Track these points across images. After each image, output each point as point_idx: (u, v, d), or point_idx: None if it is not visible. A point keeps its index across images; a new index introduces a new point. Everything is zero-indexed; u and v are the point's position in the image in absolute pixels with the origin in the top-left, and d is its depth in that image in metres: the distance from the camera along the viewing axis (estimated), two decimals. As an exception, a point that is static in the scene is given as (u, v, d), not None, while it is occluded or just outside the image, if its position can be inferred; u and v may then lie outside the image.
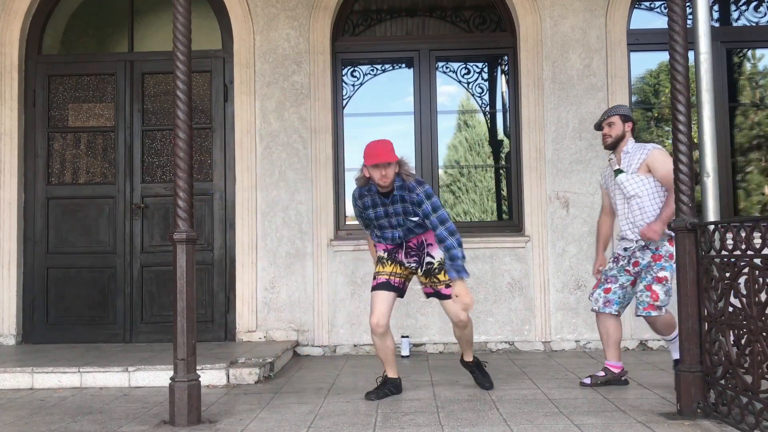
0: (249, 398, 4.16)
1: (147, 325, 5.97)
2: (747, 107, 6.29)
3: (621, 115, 4.29)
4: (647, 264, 4.16)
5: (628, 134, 4.29)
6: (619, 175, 4.23)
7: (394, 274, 4.12)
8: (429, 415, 3.61)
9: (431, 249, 4.13)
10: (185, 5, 3.65)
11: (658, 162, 4.12)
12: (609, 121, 4.30)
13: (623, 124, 4.28)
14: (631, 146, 4.27)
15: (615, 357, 4.30)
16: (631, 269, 4.23)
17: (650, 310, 4.08)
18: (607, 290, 4.27)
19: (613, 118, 4.30)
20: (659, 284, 4.09)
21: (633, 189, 4.17)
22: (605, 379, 4.28)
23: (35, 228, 6.06)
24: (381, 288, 4.08)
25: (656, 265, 4.12)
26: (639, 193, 4.16)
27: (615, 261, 4.32)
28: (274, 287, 5.88)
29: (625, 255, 4.26)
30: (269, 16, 6.03)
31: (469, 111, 6.47)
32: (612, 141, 4.29)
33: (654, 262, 4.14)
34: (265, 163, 5.94)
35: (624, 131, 4.28)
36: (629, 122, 4.29)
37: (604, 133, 4.32)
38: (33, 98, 6.13)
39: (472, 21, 6.24)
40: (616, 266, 4.29)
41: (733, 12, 6.24)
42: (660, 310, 4.09)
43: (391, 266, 4.13)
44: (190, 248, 3.60)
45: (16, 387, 4.60)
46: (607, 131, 4.31)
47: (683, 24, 3.57)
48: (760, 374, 3.02)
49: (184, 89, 3.62)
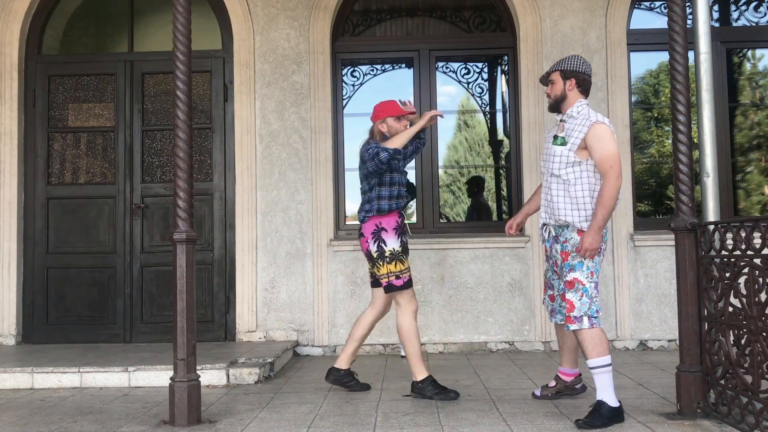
0: (249, 398, 4.16)
1: (147, 325, 5.97)
2: (747, 107, 6.29)
3: (562, 71, 3.59)
4: (560, 265, 3.56)
5: (572, 94, 3.58)
6: (556, 146, 3.54)
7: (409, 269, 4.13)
8: (429, 415, 3.61)
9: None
10: (185, 5, 3.65)
11: (597, 140, 3.42)
12: (550, 78, 3.65)
13: (564, 81, 3.59)
14: (577, 110, 3.56)
15: (570, 363, 3.90)
16: (558, 269, 3.64)
17: (568, 323, 3.45)
18: (551, 297, 3.78)
19: (554, 74, 3.62)
20: (571, 291, 3.44)
21: (560, 170, 3.51)
22: (556, 389, 3.91)
23: (35, 228, 6.06)
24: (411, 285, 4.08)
25: (565, 266, 3.49)
26: (567, 175, 3.50)
27: (547, 259, 3.77)
28: (273, 287, 5.88)
29: (548, 253, 3.73)
30: (269, 16, 6.03)
31: (469, 111, 6.47)
32: (552, 102, 3.65)
33: (563, 261, 3.51)
34: (265, 163, 5.95)
35: (565, 90, 3.59)
36: (571, 79, 3.56)
37: (546, 92, 3.71)
38: (33, 98, 6.13)
39: (472, 21, 6.24)
40: (549, 266, 3.75)
41: (733, 12, 6.24)
42: (580, 322, 3.40)
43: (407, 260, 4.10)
44: (190, 248, 3.60)
45: (16, 387, 4.60)
46: (548, 90, 3.68)
47: (683, 24, 3.58)
48: (760, 374, 3.02)
49: (184, 89, 3.62)
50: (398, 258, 4.02)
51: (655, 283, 5.73)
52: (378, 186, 4.04)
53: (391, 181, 4.07)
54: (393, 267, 4.01)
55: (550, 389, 3.96)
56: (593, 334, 3.42)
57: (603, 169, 3.43)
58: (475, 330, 5.80)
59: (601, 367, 3.39)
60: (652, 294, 5.73)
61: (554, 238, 3.63)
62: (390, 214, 4.04)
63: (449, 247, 5.84)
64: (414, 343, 4.01)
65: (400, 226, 4.08)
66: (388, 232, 4.02)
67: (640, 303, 5.73)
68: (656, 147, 6.60)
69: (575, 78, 3.58)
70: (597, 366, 3.39)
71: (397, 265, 4.01)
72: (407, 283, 4.04)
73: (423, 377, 4.00)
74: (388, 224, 4.03)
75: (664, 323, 5.70)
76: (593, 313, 3.43)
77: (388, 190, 4.05)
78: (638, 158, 6.24)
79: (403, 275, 4.03)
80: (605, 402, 3.36)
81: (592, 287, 3.46)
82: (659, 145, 6.56)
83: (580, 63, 3.62)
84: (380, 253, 4.01)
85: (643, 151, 6.49)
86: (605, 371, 3.39)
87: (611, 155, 3.42)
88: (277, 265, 5.89)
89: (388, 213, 4.03)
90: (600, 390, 3.39)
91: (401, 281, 4.02)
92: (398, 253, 4.02)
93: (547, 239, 3.69)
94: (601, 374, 3.39)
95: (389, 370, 5.04)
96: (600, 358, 3.39)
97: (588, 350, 3.41)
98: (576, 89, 3.60)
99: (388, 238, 4.02)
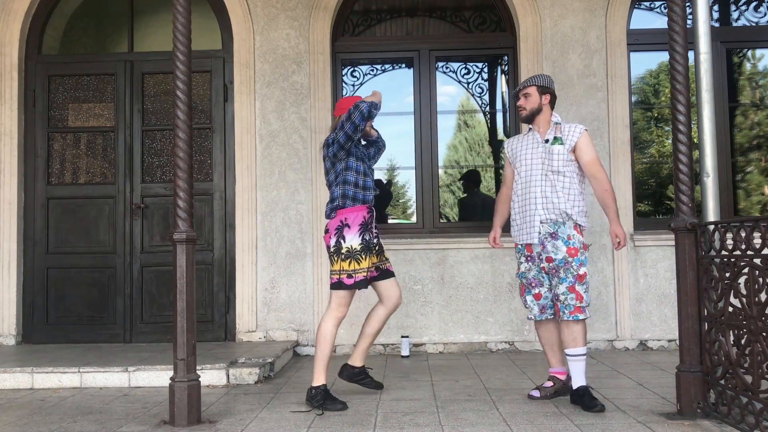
0: (249, 398, 4.16)
1: (147, 325, 5.97)
2: (747, 107, 6.29)
3: (538, 86, 3.94)
4: (564, 260, 3.75)
5: (546, 107, 3.94)
6: (556, 145, 3.84)
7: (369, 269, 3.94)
8: (429, 415, 3.61)
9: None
10: (185, 5, 3.65)
11: (587, 144, 3.85)
12: (525, 91, 3.96)
13: (540, 96, 3.93)
14: (557, 119, 3.95)
15: (561, 362, 4.00)
16: (546, 266, 3.82)
17: (577, 314, 3.72)
18: (537, 296, 3.90)
19: (529, 88, 3.95)
20: (581, 284, 3.75)
21: (563, 167, 3.83)
22: (554, 389, 3.96)
23: (35, 228, 6.06)
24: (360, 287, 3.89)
25: (575, 261, 3.75)
26: (567, 172, 3.82)
27: (529, 260, 3.91)
28: (273, 287, 5.88)
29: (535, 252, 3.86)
30: (269, 16, 6.03)
31: (469, 111, 6.48)
32: (527, 114, 3.94)
33: (571, 257, 3.76)
34: (265, 163, 5.95)
35: (540, 104, 3.92)
36: (546, 94, 3.94)
37: (519, 104, 3.98)
38: (33, 98, 6.13)
39: (472, 21, 6.24)
40: (534, 266, 3.89)
41: (733, 12, 6.24)
42: (585, 312, 3.75)
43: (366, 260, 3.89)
44: (190, 248, 3.60)
45: (16, 387, 4.60)
46: (522, 102, 3.96)
47: (683, 24, 3.58)
48: (760, 374, 3.02)
49: (184, 89, 3.62)
50: (354, 256, 3.84)
51: (655, 283, 5.74)
52: (344, 171, 3.89)
53: (357, 169, 3.91)
54: (346, 265, 3.83)
55: (548, 389, 3.98)
56: (584, 325, 3.81)
57: (594, 169, 3.85)
58: (475, 330, 5.80)
59: (583, 355, 3.78)
60: (652, 294, 5.73)
61: (550, 234, 3.80)
62: (357, 208, 3.88)
63: (449, 247, 5.84)
64: (324, 348, 3.85)
65: (366, 223, 3.90)
66: (350, 228, 3.85)
67: (640, 303, 5.73)
68: (656, 147, 6.60)
69: (549, 93, 3.97)
70: (581, 354, 3.77)
71: (351, 263, 3.83)
72: (358, 283, 3.84)
73: (318, 384, 3.83)
74: (354, 221, 3.86)
75: (664, 323, 5.70)
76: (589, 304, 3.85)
77: (354, 176, 3.89)
78: (638, 158, 6.24)
79: (357, 275, 3.84)
80: (586, 386, 3.76)
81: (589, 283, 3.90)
82: (659, 145, 6.56)
83: (551, 81, 4.04)
84: (337, 249, 3.85)
85: (643, 151, 6.49)
86: (584, 358, 3.80)
87: (597, 158, 3.90)
88: (277, 265, 5.89)
89: (354, 205, 3.87)
90: (579, 374, 3.77)
91: (352, 281, 3.83)
92: (355, 251, 3.84)
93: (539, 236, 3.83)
94: (581, 361, 3.77)
95: (389, 370, 5.04)
96: (585, 347, 3.80)
97: (580, 339, 3.76)
98: (548, 103, 3.97)
99: (348, 234, 3.85)
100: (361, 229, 3.87)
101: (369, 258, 3.90)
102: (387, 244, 5.82)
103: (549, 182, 3.83)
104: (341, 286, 3.85)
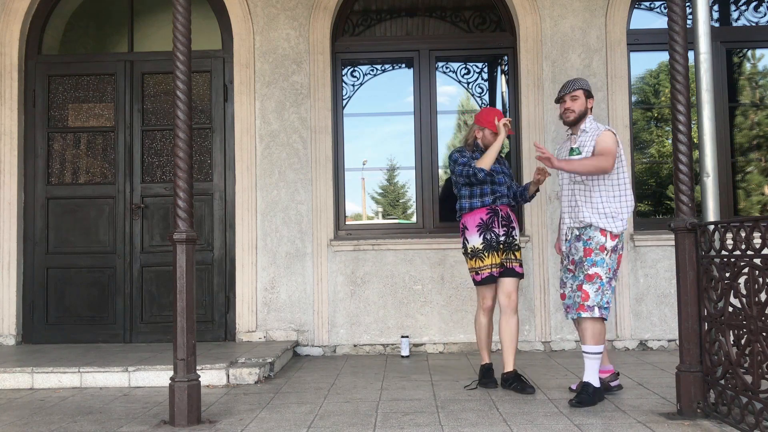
0: (249, 398, 4.17)
1: (147, 325, 5.97)
2: (747, 107, 6.29)
3: (585, 90, 4.02)
4: (580, 260, 3.89)
5: (589, 111, 4.04)
6: (574, 155, 3.97)
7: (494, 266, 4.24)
8: (429, 415, 3.61)
9: (515, 221, 4.34)
10: (185, 5, 3.65)
11: (601, 140, 3.89)
12: (574, 94, 4.00)
13: (586, 100, 4.02)
14: (589, 125, 4.01)
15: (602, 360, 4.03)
16: (572, 267, 3.98)
17: (581, 311, 3.80)
18: (562, 296, 4.05)
19: (578, 91, 4.01)
20: (590, 283, 3.80)
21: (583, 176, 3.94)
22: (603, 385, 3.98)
23: (35, 228, 6.06)
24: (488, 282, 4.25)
25: (587, 261, 3.83)
26: (586, 179, 3.92)
27: (562, 261, 4.12)
28: (273, 287, 5.88)
29: (566, 252, 4.04)
30: (269, 16, 6.03)
31: (469, 111, 6.46)
32: (575, 117, 4.00)
33: (585, 257, 3.85)
34: (265, 163, 5.95)
35: (587, 107, 4.02)
36: (591, 98, 4.05)
37: (567, 107, 4.01)
38: (33, 98, 6.13)
39: (472, 21, 6.24)
40: (563, 267, 4.09)
41: (733, 12, 6.24)
42: (592, 311, 3.77)
43: (489, 258, 4.22)
44: (190, 248, 3.60)
45: (16, 387, 4.60)
46: (569, 105, 4.00)
47: (683, 24, 3.58)
48: (760, 374, 3.02)
49: (184, 89, 3.62)
50: (478, 255, 4.23)
51: (655, 283, 5.74)
52: (462, 186, 4.33)
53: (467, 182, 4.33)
54: (473, 263, 4.27)
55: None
56: (596, 325, 3.81)
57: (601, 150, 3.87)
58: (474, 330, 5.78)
59: (594, 354, 3.82)
60: (652, 294, 5.73)
61: (576, 237, 3.96)
62: (472, 212, 4.27)
63: (449, 247, 5.84)
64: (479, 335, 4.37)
65: (485, 224, 4.23)
66: (469, 230, 4.28)
67: (640, 303, 5.73)
68: (656, 147, 6.59)
69: (592, 98, 4.07)
70: (592, 352, 3.82)
71: (476, 261, 4.24)
72: (485, 279, 4.22)
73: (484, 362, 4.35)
74: (471, 223, 4.27)
75: (664, 323, 5.71)
76: (604, 304, 3.80)
77: (468, 189, 4.30)
78: (638, 158, 6.24)
79: (482, 272, 4.23)
80: (590, 383, 3.79)
81: (608, 282, 3.82)
82: (659, 145, 6.55)
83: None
84: (465, 249, 4.32)
85: (643, 151, 6.48)
86: (596, 357, 3.82)
87: (607, 149, 3.87)
88: (277, 265, 5.89)
89: (470, 211, 4.27)
90: (588, 372, 3.82)
91: (480, 277, 4.24)
92: (478, 250, 4.23)
93: (569, 240, 4.02)
94: (592, 359, 3.82)
95: (389, 370, 5.04)
96: (597, 346, 3.81)
97: (588, 337, 3.82)
98: (590, 108, 4.07)
99: (470, 236, 4.28)
100: (479, 229, 4.25)
101: (492, 256, 4.23)
102: (387, 244, 5.85)
103: (574, 190, 3.99)
104: (474, 282, 4.32)
